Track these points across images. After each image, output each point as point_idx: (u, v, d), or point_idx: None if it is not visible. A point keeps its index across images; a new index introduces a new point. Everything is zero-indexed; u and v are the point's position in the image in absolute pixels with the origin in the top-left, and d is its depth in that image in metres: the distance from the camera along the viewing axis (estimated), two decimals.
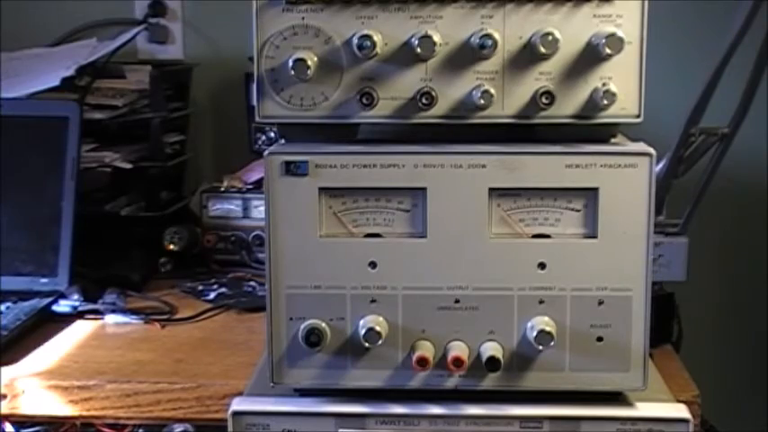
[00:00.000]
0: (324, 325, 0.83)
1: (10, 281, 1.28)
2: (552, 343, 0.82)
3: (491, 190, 0.82)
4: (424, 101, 0.81)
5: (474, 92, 0.82)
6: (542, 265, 0.83)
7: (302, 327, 0.83)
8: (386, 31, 0.81)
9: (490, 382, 0.84)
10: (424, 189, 0.82)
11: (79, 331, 1.20)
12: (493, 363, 0.82)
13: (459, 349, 0.83)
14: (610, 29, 0.81)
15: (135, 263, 1.42)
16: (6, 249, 1.30)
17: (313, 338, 0.83)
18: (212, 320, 1.25)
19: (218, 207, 1.47)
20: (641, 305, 0.83)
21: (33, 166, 1.32)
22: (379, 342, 0.82)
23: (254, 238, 1.45)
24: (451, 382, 0.84)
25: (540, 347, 0.82)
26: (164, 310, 1.27)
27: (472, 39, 0.81)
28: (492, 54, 0.81)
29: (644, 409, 0.83)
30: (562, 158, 0.82)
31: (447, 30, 0.82)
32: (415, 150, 0.82)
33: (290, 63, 0.81)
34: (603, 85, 0.82)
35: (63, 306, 1.25)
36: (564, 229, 0.83)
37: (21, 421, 1.07)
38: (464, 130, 0.83)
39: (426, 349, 0.83)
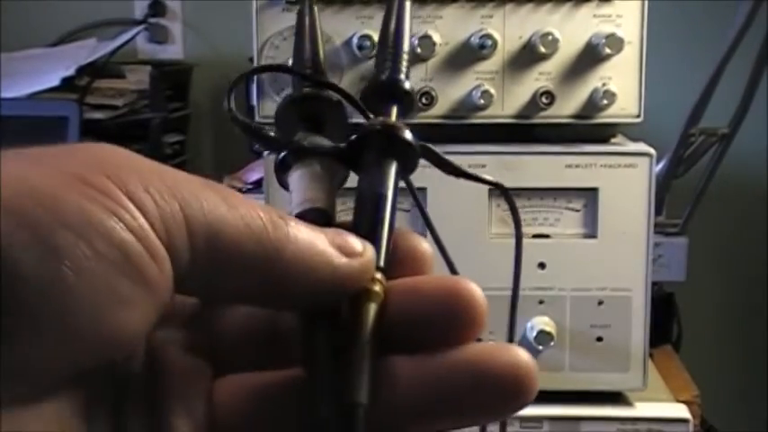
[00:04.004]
0: None
1: None
2: (552, 343, 0.82)
3: (491, 190, 0.82)
4: (423, 101, 0.81)
5: (474, 92, 0.82)
6: (542, 265, 0.83)
7: None
8: None
9: None
10: (423, 189, 0.82)
11: None
12: None
13: None
14: (610, 29, 0.81)
15: None
16: None
17: None
18: None
19: None
20: (641, 305, 0.83)
21: None
22: None
23: None
24: None
25: (540, 347, 0.82)
26: None
27: (472, 39, 0.81)
28: (492, 54, 0.81)
29: (644, 410, 0.83)
30: (562, 158, 0.82)
31: (447, 30, 0.82)
32: None
33: (290, 63, 0.81)
34: (603, 85, 0.82)
35: None
36: (564, 229, 0.83)
37: None
38: (464, 130, 0.83)
39: None
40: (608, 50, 0.80)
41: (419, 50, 0.80)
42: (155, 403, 0.29)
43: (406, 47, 0.39)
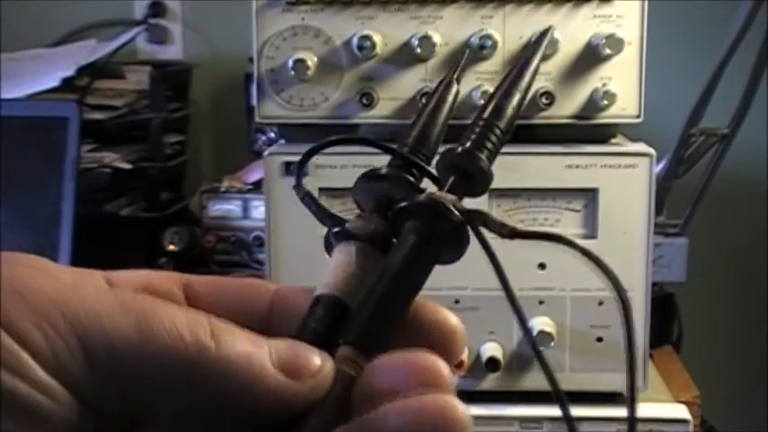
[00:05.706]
0: None
1: None
2: (552, 343, 0.82)
3: (491, 190, 0.82)
4: (424, 101, 0.81)
5: (474, 92, 0.82)
6: (542, 266, 0.83)
7: None
8: (386, 31, 0.81)
9: (490, 382, 0.84)
10: (423, 190, 0.82)
11: None
12: (493, 363, 0.82)
13: None
14: (610, 29, 0.81)
15: (135, 263, 1.42)
16: (6, 250, 1.29)
17: None
18: None
19: (217, 207, 1.46)
20: (641, 306, 0.83)
21: (33, 167, 1.32)
22: None
23: (254, 239, 1.45)
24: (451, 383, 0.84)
25: (540, 348, 0.82)
26: None
27: (472, 39, 0.81)
28: (492, 54, 0.81)
29: (644, 410, 0.83)
30: (562, 159, 0.82)
31: (447, 30, 0.82)
32: None
33: (290, 63, 0.81)
34: (603, 85, 0.82)
35: None
36: (564, 229, 0.83)
37: None
38: (464, 130, 0.83)
39: None
40: (608, 51, 0.80)
41: (419, 51, 0.80)
42: None
43: (503, 124, 0.35)
